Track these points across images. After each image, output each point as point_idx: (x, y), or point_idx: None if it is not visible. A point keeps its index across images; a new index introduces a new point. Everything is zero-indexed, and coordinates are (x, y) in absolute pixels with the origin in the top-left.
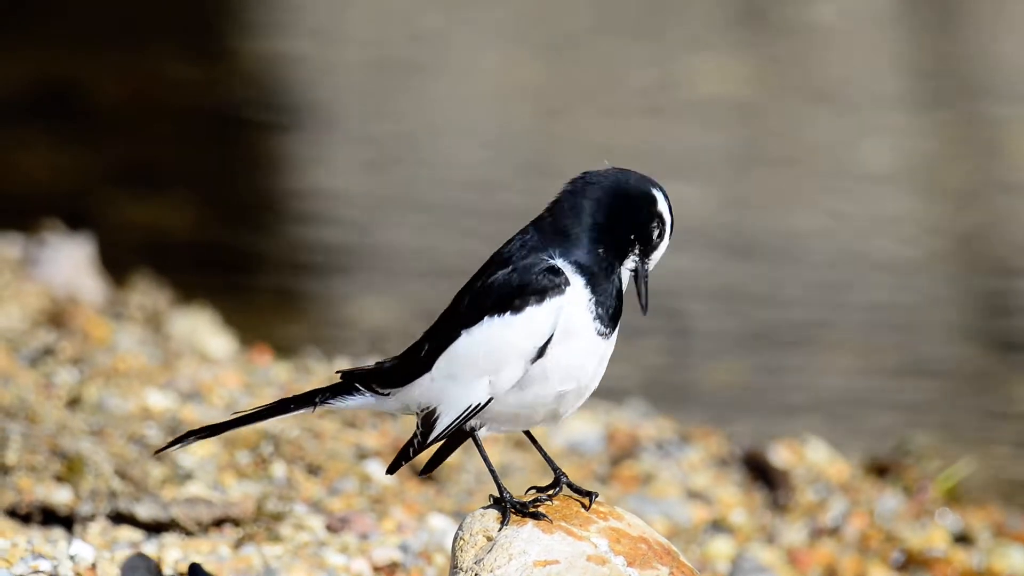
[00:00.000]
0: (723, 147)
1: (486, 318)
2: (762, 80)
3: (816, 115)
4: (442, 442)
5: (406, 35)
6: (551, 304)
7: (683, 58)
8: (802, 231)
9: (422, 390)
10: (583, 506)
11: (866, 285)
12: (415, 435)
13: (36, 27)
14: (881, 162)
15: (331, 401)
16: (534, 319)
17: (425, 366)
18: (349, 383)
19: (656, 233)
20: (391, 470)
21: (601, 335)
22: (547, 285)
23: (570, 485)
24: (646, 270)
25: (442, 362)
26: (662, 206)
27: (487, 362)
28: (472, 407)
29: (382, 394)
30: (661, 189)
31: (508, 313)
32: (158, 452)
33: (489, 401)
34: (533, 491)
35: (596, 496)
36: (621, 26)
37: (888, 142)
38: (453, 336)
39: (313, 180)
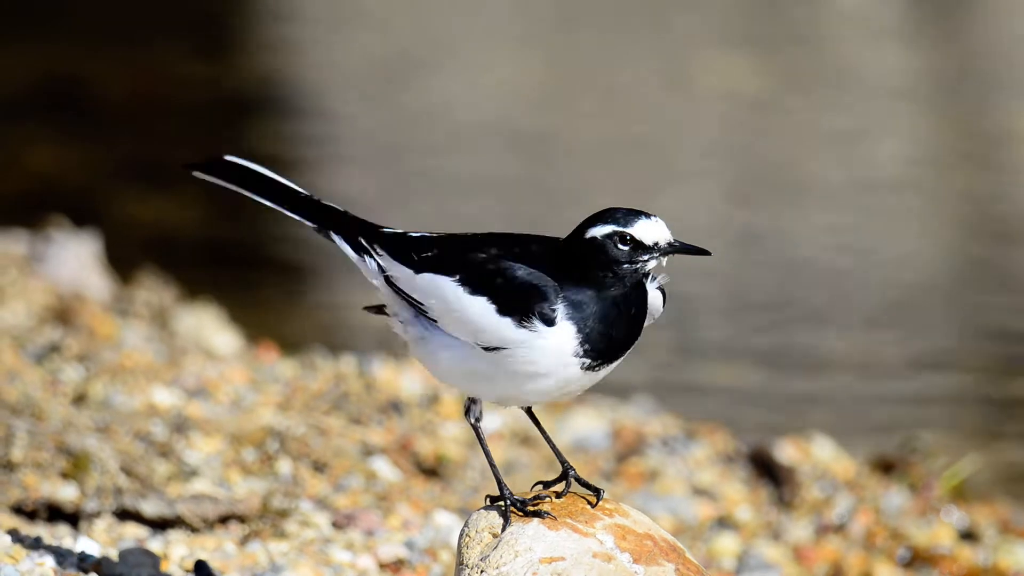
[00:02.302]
0: (729, 142)
1: (477, 292)
2: (769, 75)
3: (822, 111)
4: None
5: (412, 28)
6: (523, 332)
7: (690, 52)
8: (808, 228)
9: (401, 273)
10: (589, 503)
11: (872, 282)
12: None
13: (42, 23)
14: (888, 158)
15: (335, 237)
16: (503, 330)
17: (416, 267)
18: (354, 229)
19: (623, 241)
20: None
21: (586, 368)
22: (536, 312)
23: (578, 479)
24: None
25: (426, 279)
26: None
27: (449, 318)
28: (424, 308)
29: (372, 249)
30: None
31: (494, 307)
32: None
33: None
34: (539, 486)
35: (603, 493)
36: (628, 19)
37: (896, 137)
38: (447, 272)
39: (319, 175)
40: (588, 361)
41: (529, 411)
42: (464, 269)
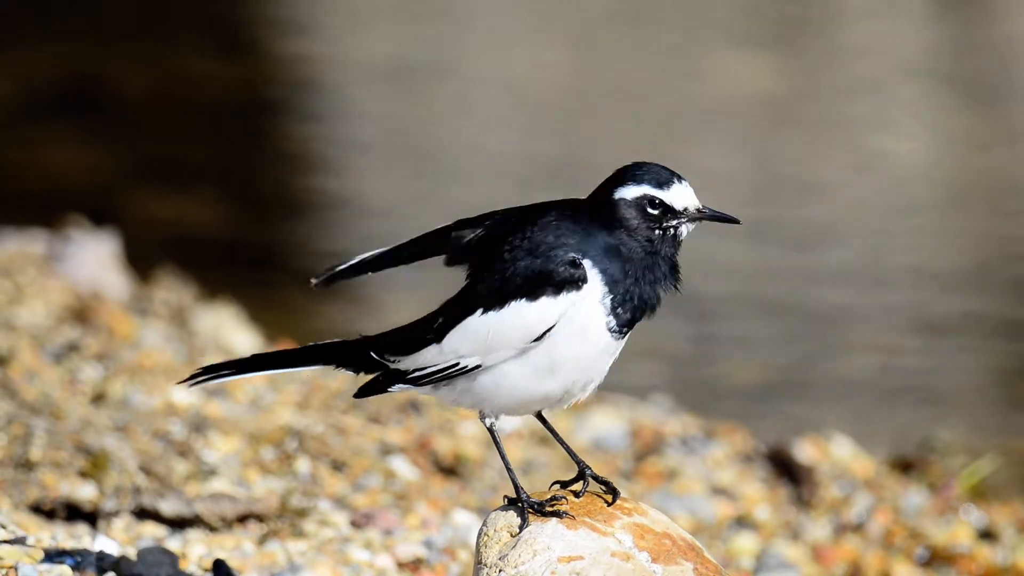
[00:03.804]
0: (748, 140)
1: (504, 302)
2: (789, 76)
3: (843, 109)
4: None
5: (432, 27)
6: (564, 298)
7: (710, 53)
8: (827, 228)
9: (427, 358)
10: (606, 502)
11: (891, 281)
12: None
13: (62, 23)
14: (907, 155)
15: (345, 369)
16: (544, 309)
17: (436, 337)
18: (361, 350)
19: (652, 204)
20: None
21: (613, 332)
22: (565, 278)
23: (595, 477)
24: (672, 240)
25: (454, 336)
26: (643, 181)
27: (493, 340)
28: (461, 367)
29: (388, 361)
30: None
31: (524, 299)
32: (184, 381)
33: (477, 367)
34: (557, 486)
35: (620, 493)
36: (649, 20)
37: (915, 133)
38: (469, 312)
39: (338, 175)
40: (614, 319)
41: (539, 415)
42: (481, 300)
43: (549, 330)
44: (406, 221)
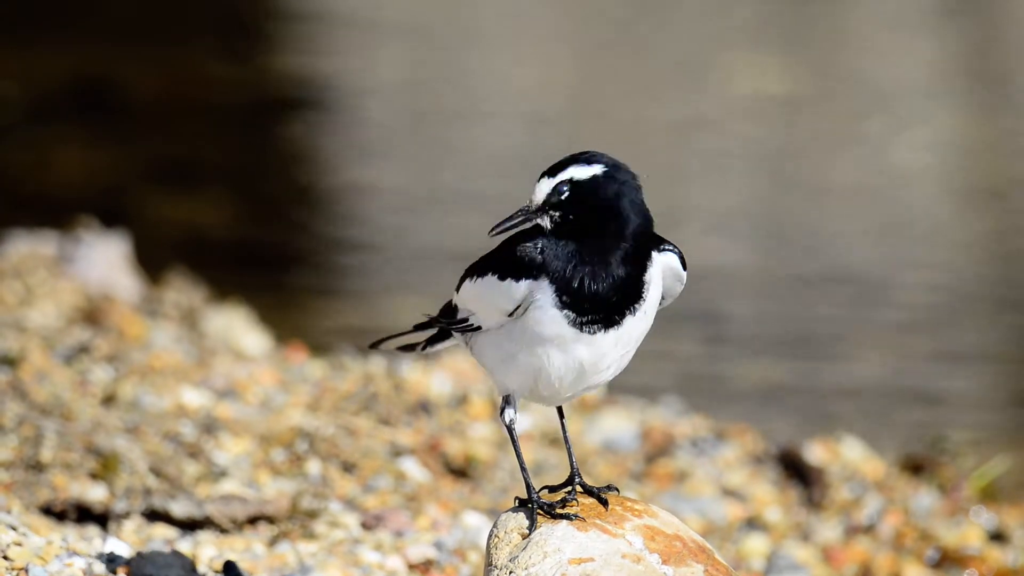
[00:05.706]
0: (758, 143)
1: (484, 276)
2: (799, 77)
3: (851, 111)
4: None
5: (441, 27)
6: (524, 284)
7: (719, 53)
8: (837, 229)
9: (451, 311)
10: (603, 505)
11: (901, 282)
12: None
13: (73, 24)
14: (916, 158)
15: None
16: (507, 291)
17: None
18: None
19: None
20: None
21: (576, 326)
22: (523, 265)
23: (583, 486)
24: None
25: (460, 293)
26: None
27: (477, 303)
28: (470, 322)
29: (442, 322)
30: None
31: (495, 278)
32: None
33: (477, 328)
34: (545, 490)
35: (616, 490)
36: (658, 20)
37: (925, 138)
38: (466, 275)
39: (348, 176)
40: (573, 315)
41: (560, 411)
42: (472, 267)
43: (516, 309)
44: (414, 222)
